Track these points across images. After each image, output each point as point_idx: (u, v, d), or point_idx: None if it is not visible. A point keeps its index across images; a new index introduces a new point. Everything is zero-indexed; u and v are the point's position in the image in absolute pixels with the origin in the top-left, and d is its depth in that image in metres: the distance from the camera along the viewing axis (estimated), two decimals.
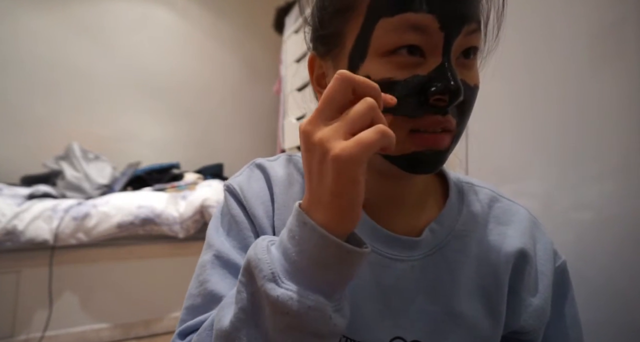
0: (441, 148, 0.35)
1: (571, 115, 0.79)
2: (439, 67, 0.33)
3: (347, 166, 0.26)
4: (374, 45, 0.35)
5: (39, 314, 1.55)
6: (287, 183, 0.45)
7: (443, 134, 0.35)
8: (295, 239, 0.29)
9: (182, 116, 2.68)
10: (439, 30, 0.33)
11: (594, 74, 0.76)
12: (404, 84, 0.34)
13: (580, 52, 0.78)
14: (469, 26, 0.34)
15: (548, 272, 0.43)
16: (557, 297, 0.43)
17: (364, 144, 0.26)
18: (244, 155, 2.63)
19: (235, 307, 0.30)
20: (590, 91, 0.76)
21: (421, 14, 0.33)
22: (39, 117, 2.26)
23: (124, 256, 1.72)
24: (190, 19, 2.72)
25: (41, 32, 2.27)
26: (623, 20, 0.71)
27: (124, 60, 2.50)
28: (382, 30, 0.34)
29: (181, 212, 1.74)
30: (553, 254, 0.44)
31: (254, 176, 0.46)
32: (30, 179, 1.95)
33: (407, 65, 0.34)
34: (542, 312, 0.42)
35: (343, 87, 0.29)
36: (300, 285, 0.28)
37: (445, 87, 0.33)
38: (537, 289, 0.42)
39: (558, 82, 0.83)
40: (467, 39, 0.34)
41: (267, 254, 0.30)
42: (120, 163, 2.21)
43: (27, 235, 1.49)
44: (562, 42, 0.82)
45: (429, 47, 0.34)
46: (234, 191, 0.44)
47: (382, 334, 0.39)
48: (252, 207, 0.42)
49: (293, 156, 0.48)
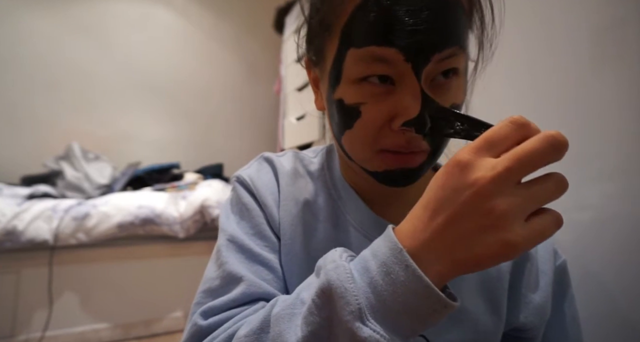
0: (412, 166, 0.36)
1: (571, 116, 0.79)
2: (409, 96, 0.33)
3: (516, 253, 0.24)
4: (346, 72, 0.35)
5: (38, 314, 1.55)
6: (293, 177, 0.46)
7: (412, 154, 0.36)
8: (390, 277, 0.26)
9: (182, 116, 2.68)
10: (404, 62, 0.33)
11: (595, 74, 0.76)
12: (374, 111, 0.35)
13: (581, 53, 0.78)
14: (440, 54, 0.33)
15: (548, 270, 0.43)
16: (557, 296, 0.44)
17: (544, 237, 0.24)
18: (244, 155, 2.63)
19: (305, 329, 0.27)
20: (591, 91, 0.76)
21: (383, 47, 0.33)
22: (39, 117, 2.26)
23: (124, 256, 1.72)
24: (190, 19, 2.72)
25: (41, 32, 2.27)
26: (623, 20, 0.71)
27: (124, 60, 2.50)
28: (352, 59, 0.35)
29: (181, 212, 1.74)
30: (554, 253, 0.45)
31: (262, 168, 0.48)
32: (30, 179, 1.95)
33: (378, 93, 0.35)
34: (542, 309, 0.42)
35: (546, 148, 0.24)
36: (386, 327, 0.26)
37: (412, 121, 0.33)
38: (537, 287, 0.42)
39: (558, 82, 0.83)
40: (441, 65, 0.34)
41: (352, 283, 0.26)
42: (121, 163, 2.21)
43: (27, 235, 1.49)
44: (562, 42, 0.82)
45: (397, 76, 0.34)
46: (245, 182, 0.45)
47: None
48: (262, 196, 0.44)
49: (299, 153, 0.50)
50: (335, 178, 0.46)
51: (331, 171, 0.47)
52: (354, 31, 0.34)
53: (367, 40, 0.33)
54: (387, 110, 0.34)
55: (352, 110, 0.35)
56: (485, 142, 0.25)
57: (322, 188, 0.46)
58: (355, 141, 0.37)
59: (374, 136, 0.35)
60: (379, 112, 0.35)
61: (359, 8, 0.34)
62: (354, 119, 0.36)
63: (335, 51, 0.36)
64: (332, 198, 0.45)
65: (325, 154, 0.49)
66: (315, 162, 0.48)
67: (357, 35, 0.34)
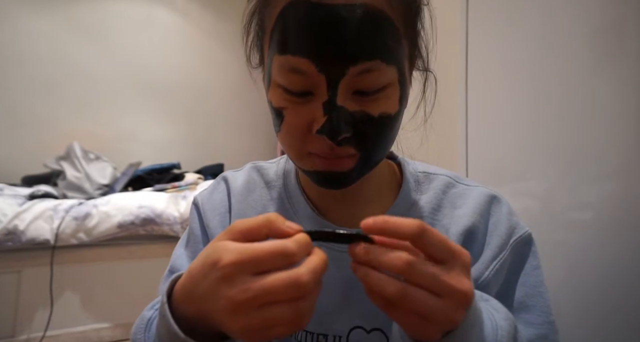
0: (343, 170, 0.36)
1: (571, 116, 0.79)
2: (322, 105, 0.33)
3: None
4: (273, 77, 0.36)
5: (40, 313, 1.55)
6: (246, 191, 0.49)
7: (340, 159, 0.36)
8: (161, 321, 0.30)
9: (182, 116, 2.68)
10: (317, 73, 0.33)
11: (595, 74, 0.76)
12: (293, 117, 0.35)
13: (581, 52, 0.78)
14: (355, 67, 0.32)
15: (496, 243, 0.42)
16: (514, 269, 0.43)
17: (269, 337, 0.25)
18: (244, 155, 2.63)
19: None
20: (591, 91, 0.76)
21: (298, 57, 0.33)
22: (40, 118, 2.26)
23: (125, 255, 1.72)
24: (191, 19, 2.73)
25: (42, 32, 2.28)
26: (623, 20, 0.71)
27: (125, 60, 2.51)
28: (276, 65, 0.35)
29: (182, 212, 1.75)
30: (509, 226, 0.43)
31: (218, 188, 0.50)
32: (31, 179, 1.95)
33: (298, 101, 0.35)
34: (473, 282, 0.41)
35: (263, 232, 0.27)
36: None
37: (323, 128, 0.33)
38: (475, 261, 0.42)
39: (558, 82, 0.83)
40: (360, 78, 0.33)
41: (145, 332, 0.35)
42: (121, 163, 2.21)
43: (28, 235, 1.49)
44: (562, 42, 0.82)
45: (314, 87, 0.34)
46: (197, 204, 0.50)
47: (342, 325, 0.41)
48: (208, 218, 0.48)
49: (259, 164, 0.52)
50: (289, 185, 0.47)
51: (287, 178, 0.48)
52: (277, 37, 0.34)
53: (285, 48, 0.33)
54: (305, 117, 0.35)
55: (278, 113, 0.36)
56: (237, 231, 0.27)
57: (277, 197, 0.47)
58: (285, 142, 0.38)
59: (300, 139, 0.36)
60: (298, 118, 0.35)
61: (281, 15, 0.34)
62: (280, 121, 0.37)
63: (267, 53, 0.37)
64: (285, 207, 0.46)
65: (285, 161, 0.50)
66: (274, 172, 0.50)
67: (279, 41, 0.34)
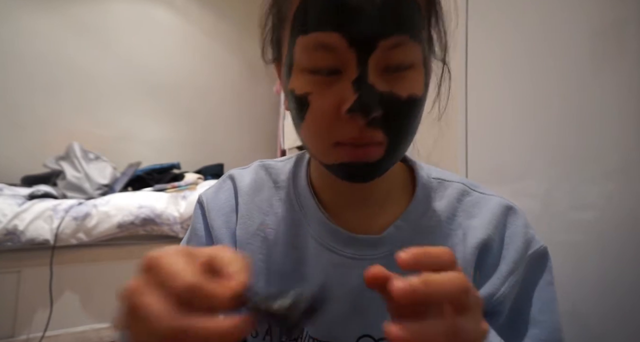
0: (371, 160, 0.35)
1: (572, 116, 0.79)
2: (352, 83, 0.33)
3: None
4: (297, 61, 0.35)
5: (39, 313, 1.55)
6: (254, 191, 0.47)
7: (368, 147, 0.35)
8: None
9: (182, 116, 2.68)
10: (348, 48, 0.32)
11: (595, 73, 0.76)
12: (321, 100, 0.34)
13: (581, 53, 0.78)
14: (387, 41, 0.32)
15: (512, 257, 0.41)
16: (528, 283, 0.42)
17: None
18: (244, 155, 2.63)
19: None
20: (591, 91, 0.76)
21: (327, 32, 0.32)
22: (39, 118, 2.26)
23: (125, 256, 1.72)
24: (190, 19, 2.72)
25: (42, 32, 2.27)
26: (623, 20, 0.71)
27: (124, 60, 2.50)
28: (300, 47, 0.34)
29: (182, 212, 1.75)
30: (525, 240, 0.43)
31: (223, 187, 0.49)
32: (30, 179, 1.95)
33: (325, 82, 0.34)
34: (489, 297, 0.40)
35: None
36: None
37: (354, 105, 0.32)
38: (490, 276, 0.41)
39: (558, 82, 0.83)
40: (390, 54, 0.33)
41: None
42: (121, 163, 2.21)
43: (28, 235, 1.49)
44: (562, 42, 0.82)
45: (343, 64, 0.33)
46: (202, 203, 0.48)
47: (350, 333, 0.40)
48: (212, 218, 0.46)
49: (267, 163, 0.50)
50: (299, 186, 0.46)
51: (296, 179, 0.47)
52: (303, 17, 0.34)
53: (313, 26, 0.33)
54: (333, 98, 0.34)
55: (302, 100, 0.35)
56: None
57: (285, 198, 0.46)
58: (310, 134, 0.37)
59: (326, 128, 0.35)
60: (325, 100, 0.34)
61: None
62: (305, 109, 0.35)
63: (288, 40, 0.36)
64: (294, 209, 0.45)
65: (295, 161, 0.49)
66: (283, 171, 0.48)
67: (305, 21, 0.34)
